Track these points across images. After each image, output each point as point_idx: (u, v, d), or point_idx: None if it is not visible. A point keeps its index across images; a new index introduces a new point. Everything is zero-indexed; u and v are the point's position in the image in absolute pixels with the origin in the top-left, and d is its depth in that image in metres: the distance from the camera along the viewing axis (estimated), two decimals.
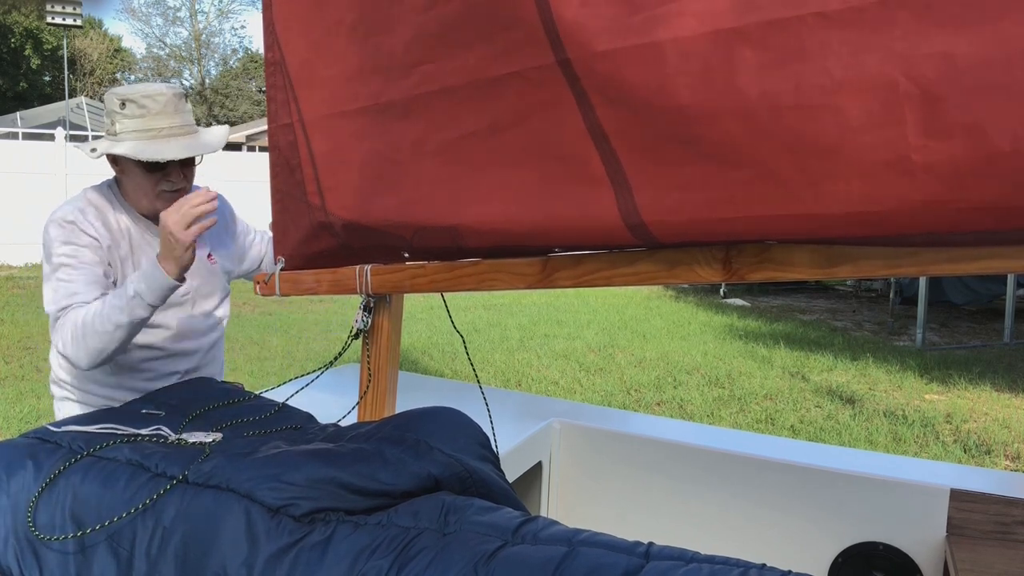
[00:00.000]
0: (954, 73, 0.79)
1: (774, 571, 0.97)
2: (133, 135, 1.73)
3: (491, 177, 1.25)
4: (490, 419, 1.73)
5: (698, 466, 2.04)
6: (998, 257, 0.92)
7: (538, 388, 5.79)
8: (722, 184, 0.98)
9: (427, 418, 1.45)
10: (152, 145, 1.73)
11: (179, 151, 1.75)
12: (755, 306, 10.34)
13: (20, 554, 1.30)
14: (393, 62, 1.36)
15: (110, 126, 1.76)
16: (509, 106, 1.19)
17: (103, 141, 1.77)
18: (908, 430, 4.87)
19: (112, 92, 1.76)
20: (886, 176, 0.85)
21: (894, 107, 0.82)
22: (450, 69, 1.25)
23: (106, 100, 1.77)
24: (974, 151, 0.79)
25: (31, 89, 30.07)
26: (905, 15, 0.80)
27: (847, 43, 0.84)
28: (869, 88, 0.84)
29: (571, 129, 1.11)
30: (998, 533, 1.71)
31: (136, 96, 1.73)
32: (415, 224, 1.41)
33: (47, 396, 5.17)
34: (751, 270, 1.10)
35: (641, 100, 1.00)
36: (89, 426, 1.49)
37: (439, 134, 1.32)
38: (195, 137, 1.80)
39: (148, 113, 1.73)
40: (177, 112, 1.77)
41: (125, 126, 1.73)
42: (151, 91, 1.74)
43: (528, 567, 1.03)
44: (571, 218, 1.16)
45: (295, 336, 7.61)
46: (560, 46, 1.05)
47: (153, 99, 1.73)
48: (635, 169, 1.06)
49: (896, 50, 0.81)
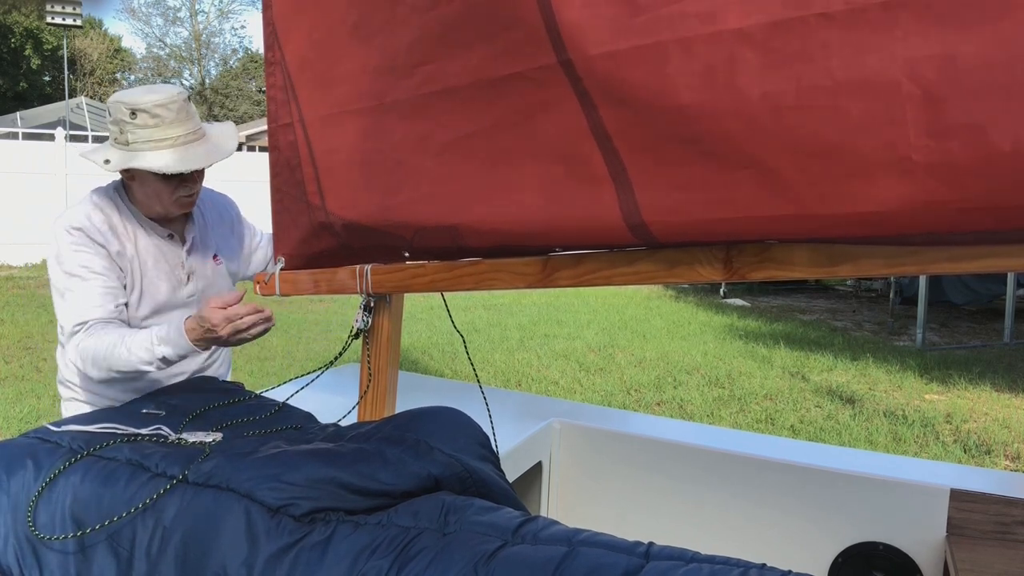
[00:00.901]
0: (955, 74, 0.79)
1: (774, 571, 0.97)
2: (149, 145, 1.70)
3: (493, 177, 1.26)
4: (490, 419, 1.73)
5: (698, 466, 2.04)
6: (998, 256, 0.92)
7: (538, 388, 5.79)
8: (723, 184, 0.98)
9: (427, 418, 1.45)
10: (172, 155, 1.71)
11: (202, 159, 1.74)
12: (755, 306, 10.34)
13: (20, 554, 1.30)
14: (396, 62, 1.36)
15: (119, 134, 1.72)
16: (511, 106, 1.19)
17: (113, 151, 1.73)
18: (908, 430, 4.87)
19: (119, 101, 1.71)
20: (887, 176, 0.86)
21: (896, 108, 0.83)
22: (452, 70, 1.26)
23: (112, 108, 1.72)
24: (975, 151, 0.79)
25: (31, 89, 30.07)
26: (907, 16, 0.80)
27: (849, 44, 0.84)
28: (871, 89, 0.84)
29: (573, 129, 1.11)
30: (998, 533, 1.71)
31: (148, 105, 1.69)
32: (416, 224, 1.41)
33: (47, 396, 5.18)
34: (752, 269, 1.10)
35: (643, 100, 1.00)
36: (89, 426, 1.49)
37: (442, 134, 1.32)
38: (210, 141, 1.79)
39: (163, 123, 1.70)
40: (189, 117, 1.75)
41: (139, 136, 1.70)
42: (162, 99, 1.70)
43: (528, 567, 1.03)
44: (572, 218, 1.16)
45: (295, 336, 7.61)
46: (562, 46, 1.05)
47: (166, 107, 1.70)
48: (637, 169, 1.06)
49: (898, 51, 0.81)
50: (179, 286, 1.89)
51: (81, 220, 1.76)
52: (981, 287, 9.36)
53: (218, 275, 2.01)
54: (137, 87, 1.77)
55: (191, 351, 1.67)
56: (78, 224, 1.75)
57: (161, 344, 1.67)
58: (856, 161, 0.87)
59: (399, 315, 1.74)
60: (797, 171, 0.91)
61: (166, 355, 1.66)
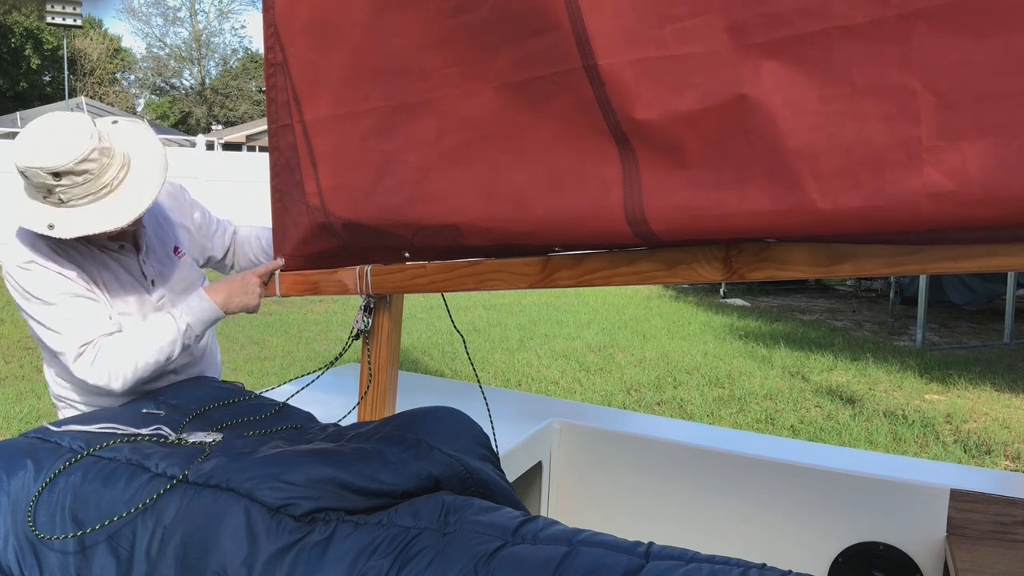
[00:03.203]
0: (969, 81, 0.83)
1: (774, 571, 0.97)
2: (87, 199, 1.58)
3: (502, 176, 1.27)
4: (490, 419, 1.73)
5: (698, 466, 2.04)
6: (998, 256, 0.93)
7: (538, 388, 5.79)
8: (735, 182, 1.01)
9: (427, 418, 1.45)
10: (114, 202, 1.60)
11: (147, 194, 1.63)
12: (755, 306, 10.34)
13: (20, 553, 1.30)
14: (410, 65, 1.37)
15: (47, 195, 1.57)
16: (531, 109, 1.21)
17: (52, 212, 1.59)
18: (908, 430, 4.87)
19: (34, 167, 1.53)
20: (898, 174, 0.89)
21: (911, 113, 0.87)
22: (473, 73, 1.28)
23: (27, 173, 1.55)
24: (984, 150, 0.83)
25: (31, 89, 30.07)
26: (923, 27, 0.85)
27: (869, 54, 0.89)
28: (888, 95, 0.88)
29: (589, 129, 1.14)
30: (998, 533, 1.71)
31: (70, 165, 1.53)
32: (418, 223, 1.42)
33: (47, 396, 5.16)
34: (751, 269, 1.11)
35: (664, 107, 1.04)
36: (89, 426, 1.49)
37: (454, 135, 1.33)
38: (136, 165, 1.66)
39: (91, 175, 1.56)
40: (110, 155, 1.59)
41: (73, 194, 1.57)
42: (80, 153, 1.53)
43: (528, 567, 1.03)
44: (576, 216, 1.17)
45: (295, 336, 7.61)
46: (589, 52, 1.09)
47: (87, 160, 1.54)
48: (650, 169, 1.09)
49: (914, 60, 0.86)
50: (145, 294, 1.81)
51: (30, 255, 1.64)
52: (981, 287, 9.36)
53: (183, 268, 1.92)
54: (35, 135, 1.56)
55: (217, 315, 1.71)
56: (29, 259, 1.63)
57: (182, 315, 1.69)
58: (869, 161, 0.90)
59: (399, 315, 1.74)
60: (811, 171, 0.95)
61: (189, 323, 1.69)
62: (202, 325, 1.73)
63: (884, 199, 0.90)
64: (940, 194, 0.86)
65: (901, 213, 0.89)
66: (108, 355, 1.64)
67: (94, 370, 1.63)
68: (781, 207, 0.98)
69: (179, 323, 1.69)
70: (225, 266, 2.15)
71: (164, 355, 1.68)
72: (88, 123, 1.58)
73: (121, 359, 1.64)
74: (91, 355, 1.64)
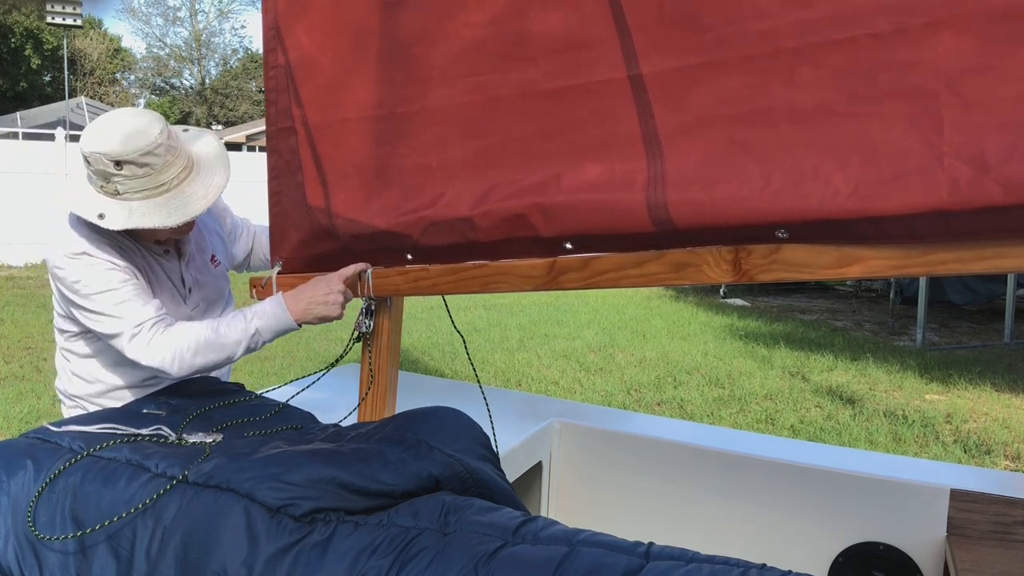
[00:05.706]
0: (991, 85, 0.88)
1: (774, 571, 0.97)
2: (143, 195, 1.58)
3: (522, 173, 1.29)
4: (490, 419, 1.73)
5: (698, 466, 2.04)
6: (1005, 257, 0.94)
7: (538, 388, 5.79)
8: (760, 176, 1.06)
9: (427, 418, 1.45)
10: (173, 202, 1.60)
11: (204, 198, 1.62)
12: (755, 306, 10.34)
13: (20, 554, 1.30)
14: (433, 72, 1.38)
15: (104, 183, 1.57)
16: (563, 114, 1.24)
17: (105, 202, 1.59)
18: (908, 430, 4.86)
19: (97, 152, 1.53)
20: (920, 168, 0.93)
21: (934, 113, 0.93)
22: (506, 81, 1.29)
23: (90, 159, 1.55)
24: (1001, 138, 0.88)
25: (31, 89, 30.05)
26: (948, 34, 0.90)
27: (895, 60, 0.95)
28: (913, 97, 0.94)
29: (624, 132, 1.18)
30: (998, 533, 1.71)
31: (133, 156, 1.53)
32: (427, 221, 1.42)
33: (47, 396, 5.17)
34: (761, 271, 1.10)
35: (703, 109, 1.10)
36: (89, 426, 1.49)
37: (478, 140, 1.34)
38: (202, 168, 1.67)
39: (152, 170, 1.56)
40: (176, 152, 1.60)
41: (129, 186, 1.56)
42: (146, 145, 1.54)
43: (528, 567, 1.03)
44: (595, 203, 1.21)
45: (295, 336, 7.60)
46: (635, 62, 1.14)
47: (152, 154, 1.55)
48: (677, 164, 1.13)
49: (938, 65, 0.92)
50: (181, 301, 1.80)
51: (82, 244, 1.62)
52: (981, 287, 9.35)
53: (218, 277, 1.93)
54: (107, 123, 1.57)
55: (290, 326, 1.63)
56: (80, 249, 1.62)
57: (254, 318, 1.62)
58: (891, 155, 0.95)
59: (399, 316, 1.74)
60: (836, 166, 1.00)
61: (259, 328, 1.62)
62: (272, 333, 1.65)
63: (899, 182, 0.94)
64: (955, 180, 0.90)
65: (915, 192, 0.94)
66: (170, 339, 1.61)
67: (150, 351, 1.60)
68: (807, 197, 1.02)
69: (249, 326, 1.63)
70: (243, 267, 2.12)
71: (226, 354, 1.63)
72: (161, 121, 1.61)
73: (184, 346, 1.61)
74: (146, 336, 1.60)
